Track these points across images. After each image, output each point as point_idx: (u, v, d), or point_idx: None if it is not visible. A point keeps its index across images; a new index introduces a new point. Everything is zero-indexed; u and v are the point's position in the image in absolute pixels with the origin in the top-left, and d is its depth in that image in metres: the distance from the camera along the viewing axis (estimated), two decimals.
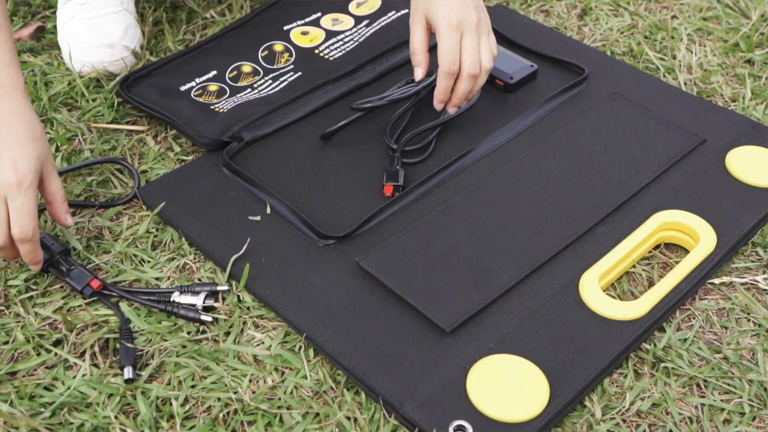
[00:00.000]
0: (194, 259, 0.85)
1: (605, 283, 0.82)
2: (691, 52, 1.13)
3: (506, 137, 0.97)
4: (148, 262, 0.85)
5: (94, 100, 1.05)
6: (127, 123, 1.03)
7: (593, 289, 0.80)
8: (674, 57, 1.13)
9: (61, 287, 0.82)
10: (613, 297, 0.82)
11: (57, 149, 0.98)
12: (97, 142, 0.99)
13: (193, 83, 1.05)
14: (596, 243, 0.85)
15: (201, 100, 1.03)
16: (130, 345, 0.76)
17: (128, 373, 0.74)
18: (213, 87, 1.05)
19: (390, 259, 0.82)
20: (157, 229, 0.88)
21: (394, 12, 1.17)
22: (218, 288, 0.81)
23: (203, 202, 0.90)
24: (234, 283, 0.82)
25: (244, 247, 0.84)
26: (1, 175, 0.76)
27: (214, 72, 1.07)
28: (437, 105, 0.94)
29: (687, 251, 0.87)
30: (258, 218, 0.88)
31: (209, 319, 0.79)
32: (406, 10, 1.15)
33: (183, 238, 0.87)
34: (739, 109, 1.04)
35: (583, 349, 0.75)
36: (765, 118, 1.03)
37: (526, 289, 0.80)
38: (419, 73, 0.94)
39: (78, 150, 0.98)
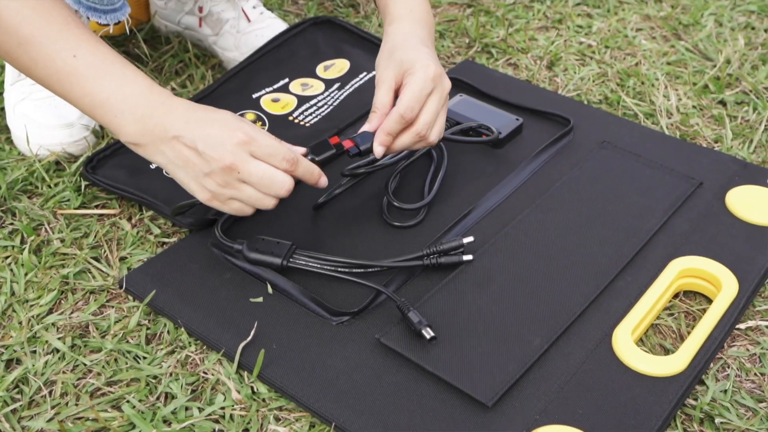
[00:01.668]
0: (196, 350, 0.78)
1: (635, 338, 0.78)
2: (666, 98, 1.13)
3: (504, 194, 0.94)
4: (145, 358, 0.77)
5: (56, 184, 0.97)
6: (97, 207, 0.95)
7: (628, 345, 0.76)
8: (652, 102, 1.13)
9: (50, 393, 0.74)
10: (647, 352, 0.78)
11: (23, 241, 0.89)
12: (66, 230, 0.91)
13: None
14: (619, 296, 0.81)
15: None
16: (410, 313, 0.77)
17: (428, 332, 0.75)
18: None
19: (412, 332, 0.76)
20: (149, 321, 0.81)
21: (365, 73, 1.13)
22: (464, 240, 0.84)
23: (197, 286, 0.83)
24: (246, 374, 0.75)
25: (252, 333, 0.77)
26: (225, 140, 0.74)
27: None
28: (377, 149, 0.83)
29: (705, 297, 0.84)
30: (260, 299, 0.81)
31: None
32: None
33: (180, 328, 0.79)
34: (724, 150, 1.04)
35: (631, 412, 0.70)
36: (750, 157, 1.03)
37: (559, 352, 0.76)
38: (372, 125, 0.82)
39: (46, 240, 0.90)
